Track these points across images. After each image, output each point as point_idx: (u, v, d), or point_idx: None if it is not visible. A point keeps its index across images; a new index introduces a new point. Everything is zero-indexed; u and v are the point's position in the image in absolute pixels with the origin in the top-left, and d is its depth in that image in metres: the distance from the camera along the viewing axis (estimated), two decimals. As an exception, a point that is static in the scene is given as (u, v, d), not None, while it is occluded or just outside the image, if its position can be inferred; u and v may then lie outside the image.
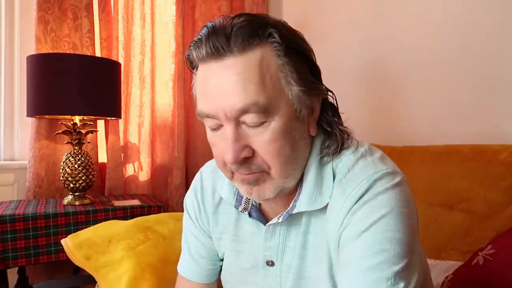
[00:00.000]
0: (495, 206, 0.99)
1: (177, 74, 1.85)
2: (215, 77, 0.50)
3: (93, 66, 1.43)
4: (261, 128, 0.50)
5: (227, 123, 0.51)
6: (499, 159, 1.02)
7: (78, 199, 1.46)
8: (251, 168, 0.52)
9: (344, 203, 0.52)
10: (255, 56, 0.49)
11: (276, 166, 0.52)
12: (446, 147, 1.16)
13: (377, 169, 0.53)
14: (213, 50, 0.49)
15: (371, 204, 0.50)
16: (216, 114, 0.50)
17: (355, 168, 0.54)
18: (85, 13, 1.64)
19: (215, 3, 1.97)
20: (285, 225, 0.58)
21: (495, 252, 0.84)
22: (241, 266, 0.64)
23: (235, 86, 0.48)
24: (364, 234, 0.49)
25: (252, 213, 0.61)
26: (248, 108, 0.49)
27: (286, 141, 0.52)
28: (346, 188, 0.53)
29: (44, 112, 1.43)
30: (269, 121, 0.50)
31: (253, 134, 0.51)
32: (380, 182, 0.51)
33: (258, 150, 0.51)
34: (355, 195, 0.51)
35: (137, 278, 0.83)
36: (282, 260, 0.59)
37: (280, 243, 0.59)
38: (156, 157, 1.88)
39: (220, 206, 0.68)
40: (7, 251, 1.25)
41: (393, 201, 0.50)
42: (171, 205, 1.86)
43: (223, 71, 0.49)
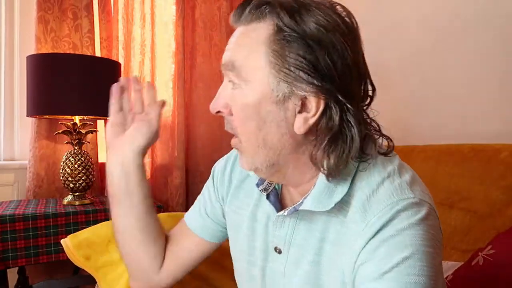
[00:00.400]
0: (495, 205, 0.99)
1: (177, 74, 1.85)
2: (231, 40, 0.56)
3: (93, 66, 1.43)
4: (237, 91, 0.53)
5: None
6: (499, 158, 1.02)
7: (78, 199, 1.46)
8: (227, 126, 0.56)
9: (363, 230, 0.49)
10: (258, 29, 0.52)
11: (240, 136, 0.54)
12: (447, 146, 1.16)
13: (403, 197, 0.49)
14: (235, 18, 0.56)
15: (393, 242, 0.46)
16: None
17: (380, 191, 0.51)
18: (85, 13, 1.64)
19: (215, 3, 1.97)
20: (294, 218, 0.57)
21: (495, 252, 0.84)
22: (254, 246, 0.64)
23: (232, 46, 0.55)
24: (385, 276, 0.45)
25: (271, 196, 0.61)
26: (226, 64, 0.54)
27: (253, 117, 0.52)
28: (367, 213, 0.49)
29: (44, 112, 1.43)
30: (240, 85, 0.52)
31: (233, 96, 0.53)
32: (404, 214, 0.47)
33: (233, 112, 0.54)
34: (375, 225, 0.48)
35: (137, 277, 0.83)
36: (289, 251, 0.58)
37: (288, 235, 0.58)
38: (156, 157, 1.88)
39: (245, 182, 0.68)
40: (7, 251, 1.25)
41: (417, 240, 0.46)
42: (171, 205, 1.86)
43: (235, 34, 0.56)
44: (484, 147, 1.08)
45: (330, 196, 0.52)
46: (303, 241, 0.56)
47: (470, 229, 1.01)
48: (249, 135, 0.53)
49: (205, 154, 1.97)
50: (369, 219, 0.49)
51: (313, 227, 0.56)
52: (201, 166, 1.97)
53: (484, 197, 1.01)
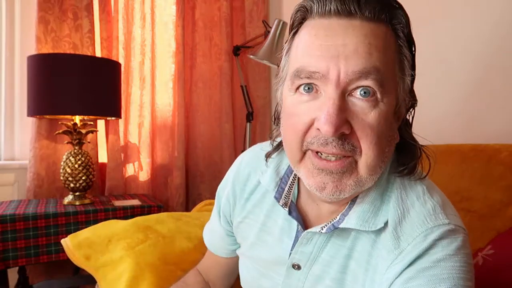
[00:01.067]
0: (495, 205, 0.99)
1: (177, 74, 1.85)
2: (337, 34, 0.44)
3: (93, 66, 1.43)
4: (370, 103, 0.44)
5: (334, 88, 0.44)
6: (499, 159, 1.02)
7: (78, 199, 1.47)
8: (344, 147, 0.45)
9: (396, 258, 0.46)
10: (381, 28, 0.45)
11: (370, 154, 0.45)
12: (446, 146, 1.16)
13: (437, 223, 0.46)
14: (343, 8, 0.44)
15: (429, 274, 0.44)
16: (326, 73, 0.44)
17: (411, 214, 0.48)
18: (85, 13, 1.64)
19: (215, 3, 1.97)
20: (325, 236, 0.53)
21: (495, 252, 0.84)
22: (263, 258, 0.61)
23: (360, 46, 0.43)
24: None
25: (292, 211, 0.56)
26: (368, 72, 0.43)
27: (386, 131, 0.46)
28: (401, 240, 0.47)
29: (44, 112, 1.43)
30: (379, 99, 0.45)
31: (357, 111, 0.44)
32: (440, 243, 0.45)
33: (357, 129, 0.45)
34: (410, 254, 0.45)
35: (137, 277, 0.83)
36: (310, 267, 0.55)
37: (314, 252, 0.54)
38: (156, 157, 1.88)
39: (254, 194, 0.63)
40: (8, 251, 1.25)
41: (455, 273, 0.44)
42: (171, 205, 1.86)
43: (348, 29, 0.44)
44: (484, 147, 1.08)
45: (375, 215, 0.49)
46: (329, 257, 0.53)
47: (470, 230, 1.01)
48: (378, 150, 0.46)
49: (205, 154, 1.97)
50: (403, 247, 0.46)
51: (342, 244, 0.52)
52: (201, 166, 1.97)
53: (484, 197, 1.01)
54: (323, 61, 0.44)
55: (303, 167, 0.49)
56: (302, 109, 0.47)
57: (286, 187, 0.58)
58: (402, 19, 0.46)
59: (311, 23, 0.47)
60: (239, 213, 0.65)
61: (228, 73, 1.97)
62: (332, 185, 0.46)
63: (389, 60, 0.45)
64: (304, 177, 0.49)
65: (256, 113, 2.05)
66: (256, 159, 0.65)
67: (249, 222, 0.64)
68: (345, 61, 0.43)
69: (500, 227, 0.95)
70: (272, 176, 0.59)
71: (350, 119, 0.45)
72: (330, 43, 0.44)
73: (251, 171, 0.64)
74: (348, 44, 0.43)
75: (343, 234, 0.52)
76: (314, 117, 0.46)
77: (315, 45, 0.45)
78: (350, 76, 0.43)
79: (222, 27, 1.97)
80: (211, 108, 1.99)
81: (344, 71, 0.43)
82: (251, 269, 0.64)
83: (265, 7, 2.06)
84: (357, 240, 0.51)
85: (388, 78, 0.45)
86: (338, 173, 0.46)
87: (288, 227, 0.57)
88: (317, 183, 0.47)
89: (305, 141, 0.47)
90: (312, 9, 0.46)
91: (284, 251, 0.57)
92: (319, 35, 0.45)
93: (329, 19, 0.45)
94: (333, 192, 0.47)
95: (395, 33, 0.46)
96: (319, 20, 0.46)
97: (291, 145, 0.49)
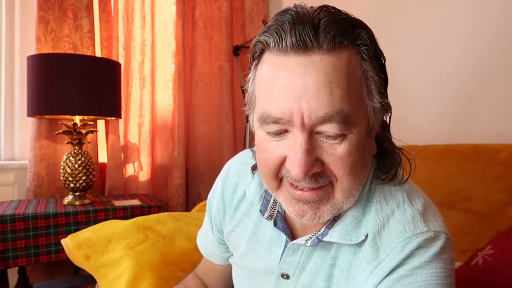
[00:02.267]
0: (495, 205, 0.99)
1: (177, 74, 1.85)
2: (295, 74, 0.42)
3: (93, 66, 1.43)
4: (338, 141, 0.44)
5: (299, 131, 0.44)
6: (499, 159, 1.02)
7: (78, 199, 1.47)
8: (318, 181, 0.46)
9: (374, 270, 0.47)
10: (344, 58, 0.43)
11: (344, 182, 0.46)
12: (446, 146, 1.16)
13: (416, 231, 0.47)
14: (299, 41, 0.42)
15: (406, 282, 0.44)
16: (289, 118, 0.43)
17: (391, 223, 0.48)
18: (85, 13, 1.64)
19: (215, 3, 1.97)
20: (310, 246, 0.54)
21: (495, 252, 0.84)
22: (254, 267, 0.62)
23: (321, 88, 0.42)
24: None
25: (278, 222, 0.57)
26: (332, 116, 0.42)
27: (359, 157, 0.46)
28: (380, 251, 0.47)
29: (44, 112, 1.43)
30: (347, 134, 0.44)
31: (326, 147, 0.44)
32: (418, 253, 0.45)
33: (329, 163, 0.45)
34: (389, 265, 0.46)
35: (137, 277, 0.83)
36: (299, 277, 0.55)
37: (301, 262, 0.55)
38: (156, 157, 1.88)
39: (242, 203, 0.63)
40: (8, 250, 1.25)
41: (432, 279, 0.44)
42: (171, 205, 1.86)
43: (308, 67, 0.42)
44: (484, 147, 1.08)
45: (358, 227, 0.50)
46: (316, 266, 0.54)
47: (470, 229, 1.01)
48: (353, 177, 0.46)
49: (205, 154, 1.97)
50: (382, 257, 0.47)
51: (326, 253, 0.53)
52: (201, 166, 1.97)
53: (483, 197, 1.01)
54: (286, 106, 0.43)
55: (281, 194, 0.50)
56: (272, 146, 0.47)
57: (272, 199, 0.58)
58: (366, 39, 0.45)
59: (270, 58, 0.46)
60: (229, 222, 0.65)
61: (228, 73, 1.97)
62: (311, 212, 0.48)
63: (354, 91, 0.44)
64: (284, 204, 0.50)
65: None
66: (243, 167, 0.64)
67: (239, 231, 0.64)
68: (307, 105, 0.42)
69: (500, 227, 0.95)
70: (256, 189, 0.59)
71: (320, 156, 0.45)
72: (290, 84, 0.43)
73: (239, 179, 0.64)
74: (309, 85, 0.42)
75: (326, 245, 0.53)
76: (285, 155, 0.46)
77: (277, 88, 0.44)
78: (314, 120, 0.43)
79: (222, 27, 1.97)
80: (211, 108, 1.99)
81: (307, 115, 0.43)
82: (243, 277, 0.65)
83: (265, 7, 2.07)
84: (340, 250, 0.52)
85: (355, 110, 0.44)
86: (315, 201, 0.47)
87: (278, 237, 0.58)
88: (296, 211, 0.48)
89: (279, 173, 0.48)
90: (269, 44, 0.45)
91: (273, 261, 0.58)
92: (279, 76, 0.44)
93: (287, 55, 0.43)
94: (312, 218, 0.48)
95: (360, 56, 0.45)
96: (278, 57, 0.44)
97: (265, 176, 0.50)
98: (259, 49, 0.47)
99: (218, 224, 0.68)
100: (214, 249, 0.73)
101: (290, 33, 0.42)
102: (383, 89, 0.48)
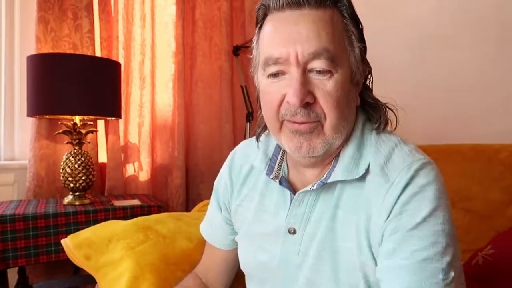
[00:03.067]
0: (495, 205, 0.99)
1: (177, 74, 1.85)
2: (290, 24, 0.55)
3: (93, 66, 1.43)
4: (326, 77, 0.55)
5: (295, 68, 0.55)
6: (499, 159, 1.02)
7: (78, 199, 1.46)
8: (310, 115, 0.56)
9: (389, 190, 0.55)
10: (328, 14, 0.56)
11: (332, 117, 0.56)
12: (446, 146, 1.16)
13: (415, 158, 0.56)
14: (293, 0, 0.55)
15: (420, 197, 0.53)
16: (287, 57, 0.55)
17: (393, 157, 0.58)
18: (85, 13, 1.64)
19: (215, 3, 1.97)
20: (314, 195, 0.61)
21: (495, 252, 0.84)
22: (261, 232, 0.67)
23: (310, 32, 0.54)
24: (419, 226, 0.52)
25: (282, 182, 0.64)
26: (320, 53, 0.54)
27: (343, 96, 0.56)
28: (390, 176, 0.56)
29: (44, 112, 1.43)
30: (333, 72, 0.55)
31: (317, 83, 0.55)
32: (422, 172, 0.55)
33: (319, 98, 0.55)
34: (400, 183, 0.54)
35: (137, 277, 0.83)
36: (305, 229, 0.61)
37: (306, 213, 0.61)
38: (156, 157, 1.88)
39: (248, 178, 0.72)
40: (7, 251, 1.25)
41: (438, 194, 0.54)
42: (171, 205, 1.86)
43: (299, 18, 0.55)
44: (484, 147, 1.08)
45: (357, 165, 0.59)
46: (320, 215, 0.61)
47: (470, 229, 1.01)
48: (339, 113, 0.56)
49: (205, 154, 1.97)
50: (393, 179, 0.55)
51: (329, 197, 0.60)
52: (201, 166, 1.97)
53: (483, 197, 1.01)
54: (283, 48, 0.55)
55: (283, 134, 0.60)
56: (273, 88, 0.58)
57: (276, 165, 0.67)
58: (345, 2, 0.58)
59: (271, 17, 0.58)
60: (236, 197, 0.73)
61: (228, 73, 1.97)
62: (306, 144, 0.57)
63: (338, 38, 0.56)
64: (285, 142, 0.60)
65: (256, 113, 2.04)
66: (247, 150, 0.75)
67: (246, 205, 0.71)
68: (301, 45, 0.54)
69: (500, 227, 0.95)
70: (262, 158, 0.68)
71: (312, 90, 0.55)
72: (286, 31, 0.55)
73: (243, 161, 0.74)
74: (301, 31, 0.54)
75: (330, 189, 0.61)
76: (284, 93, 0.57)
77: (276, 36, 0.57)
78: (306, 57, 0.54)
79: (222, 27, 1.97)
80: (211, 108, 1.99)
81: (300, 53, 0.54)
82: (249, 247, 0.70)
83: (265, 7, 2.06)
84: (343, 191, 0.60)
85: (339, 53, 0.56)
86: (307, 133, 0.57)
87: (283, 201, 0.65)
88: (295, 144, 0.58)
89: (280, 113, 0.58)
90: (270, 6, 0.58)
91: (280, 221, 0.64)
92: (278, 27, 0.57)
93: (283, 12, 0.56)
94: (307, 150, 0.57)
95: (341, 14, 0.57)
96: (276, 14, 0.57)
97: (270, 117, 0.60)
98: (262, 12, 0.60)
99: (226, 202, 0.75)
100: (221, 230, 0.77)
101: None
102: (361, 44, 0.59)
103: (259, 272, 0.68)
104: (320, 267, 0.59)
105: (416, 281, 0.50)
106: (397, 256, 0.52)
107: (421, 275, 0.50)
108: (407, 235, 0.52)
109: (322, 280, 0.59)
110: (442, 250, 0.51)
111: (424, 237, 0.51)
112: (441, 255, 0.50)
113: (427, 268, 0.50)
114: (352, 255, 0.57)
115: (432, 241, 0.51)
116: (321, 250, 0.59)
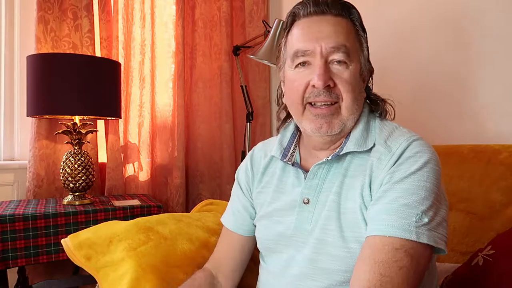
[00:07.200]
0: (495, 206, 0.99)
1: (177, 74, 1.85)
2: (316, 26, 0.70)
3: (93, 66, 1.43)
4: (343, 67, 0.69)
5: (319, 58, 0.69)
6: (499, 159, 1.02)
7: (78, 199, 1.46)
8: (331, 95, 0.69)
9: (390, 159, 0.67)
10: (344, 22, 0.71)
11: (347, 99, 0.69)
12: (446, 147, 1.16)
13: (412, 134, 0.70)
14: (318, 9, 0.70)
15: (412, 160, 0.65)
16: (314, 50, 0.69)
17: (395, 134, 0.71)
18: (85, 13, 1.64)
19: (215, 3, 1.97)
20: (327, 168, 0.72)
21: (495, 252, 0.84)
22: (278, 207, 0.77)
23: (331, 31, 0.69)
24: (404, 180, 0.63)
25: (295, 165, 0.76)
26: (339, 47, 0.68)
27: (356, 85, 0.71)
28: (391, 147, 0.68)
29: (44, 112, 1.43)
30: (348, 64, 0.69)
31: (336, 72, 0.69)
32: (416, 142, 0.67)
33: (338, 83, 0.69)
34: (398, 151, 0.67)
35: (139, 279, 0.83)
36: (318, 198, 0.71)
37: (319, 184, 0.72)
38: (156, 157, 1.88)
39: (268, 168, 0.83)
40: (7, 251, 1.25)
41: (428, 159, 0.65)
42: (171, 205, 1.86)
43: (323, 22, 0.70)
44: (483, 148, 1.08)
45: (365, 141, 0.71)
46: (330, 184, 0.71)
47: (470, 231, 1.02)
48: (353, 96, 0.70)
49: (205, 154, 1.97)
50: (394, 150, 0.67)
51: (339, 168, 0.72)
52: (201, 166, 1.97)
53: (483, 198, 1.01)
54: (310, 43, 0.70)
55: (305, 118, 0.72)
56: (300, 76, 0.71)
57: (289, 153, 0.80)
58: (356, 15, 0.73)
59: (299, 22, 0.73)
60: (257, 185, 0.84)
61: (228, 73, 1.97)
62: (326, 125, 0.70)
63: (351, 38, 0.71)
64: (307, 125, 0.72)
65: (256, 113, 2.05)
66: (265, 146, 0.88)
67: (265, 190, 0.82)
68: (323, 41, 0.69)
69: (500, 228, 0.96)
70: (277, 147, 0.81)
71: (333, 76, 0.69)
72: (312, 31, 0.70)
73: (261, 155, 0.87)
74: (324, 31, 0.70)
75: (340, 161, 0.72)
76: (309, 79, 0.70)
77: (304, 34, 0.71)
78: (328, 50, 0.69)
79: (222, 27, 1.97)
80: (211, 108, 1.99)
81: (324, 47, 0.69)
82: (267, 223, 0.79)
83: (265, 7, 2.06)
84: (352, 161, 0.71)
85: (352, 50, 0.71)
86: (328, 115, 0.70)
87: (297, 181, 0.76)
88: (316, 125, 0.70)
89: (304, 97, 0.71)
90: (299, 13, 0.73)
91: (295, 196, 0.74)
92: (306, 27, 0.71)
93: (310, 17, 0.72)
94: (327, 130, 0.70)
95: (353, 23, 0.73)
96: (304, 19, 0.72)
97: (294, 102, 0.73)
98: (290, 19, 0.74)
99: (249, 189, 0.86)
100: (244, 214, 0.86)
101: (313, 5, 0.71)
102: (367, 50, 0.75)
103: (275, 243, 0.76)
104: (328, 227, 0.68)
105: (393, 220, 0.60)
106: (382, 201, 0.63)
107: (398, 215, 0.60)
108: (393, 186, 0.63)
109: (330, 238, 0.68)
110: (420, 200, 0.61)
111: (406, 189, 0.62)
112: (418, 204, 0.61)
113: (404, 212, 0.60)
114: (356, 213, 0.66)
115: (412, 192, 0.62)
116: (329, 212, 0.69)
